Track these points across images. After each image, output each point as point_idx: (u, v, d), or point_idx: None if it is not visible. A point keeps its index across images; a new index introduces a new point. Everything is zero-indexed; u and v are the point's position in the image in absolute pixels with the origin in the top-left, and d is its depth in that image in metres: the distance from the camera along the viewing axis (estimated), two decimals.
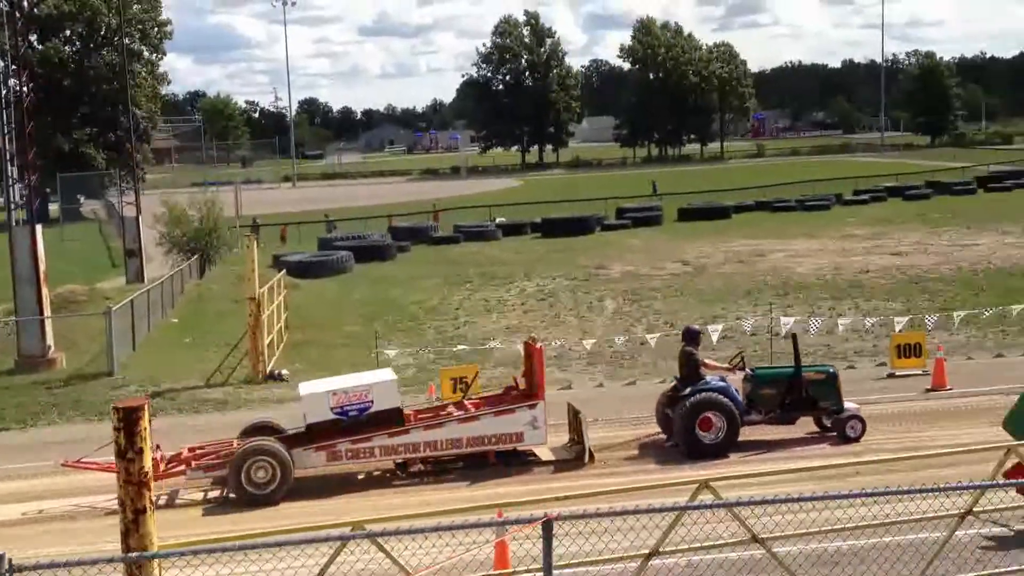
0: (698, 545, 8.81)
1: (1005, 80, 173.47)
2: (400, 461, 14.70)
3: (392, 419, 14.55)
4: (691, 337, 15.54)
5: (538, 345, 15.26)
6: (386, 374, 15.61)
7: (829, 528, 9.19)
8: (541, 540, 7.29)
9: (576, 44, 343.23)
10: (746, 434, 14.92)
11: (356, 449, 14.34)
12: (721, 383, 15.09)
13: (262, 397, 20.30)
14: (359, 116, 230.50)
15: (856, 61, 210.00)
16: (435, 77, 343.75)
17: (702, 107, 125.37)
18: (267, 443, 14.10)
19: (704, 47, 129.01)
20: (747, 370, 15.69)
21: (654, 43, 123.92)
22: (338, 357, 23.44)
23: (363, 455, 14.42)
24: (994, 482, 9.02)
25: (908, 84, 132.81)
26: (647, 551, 8.43)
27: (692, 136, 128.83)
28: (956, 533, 9.03)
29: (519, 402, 14.95)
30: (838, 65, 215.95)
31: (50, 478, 14.99)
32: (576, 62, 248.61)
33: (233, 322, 24.92)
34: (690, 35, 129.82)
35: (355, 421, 14.47)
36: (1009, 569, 9.44)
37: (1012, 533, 10.65)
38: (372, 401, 14.57)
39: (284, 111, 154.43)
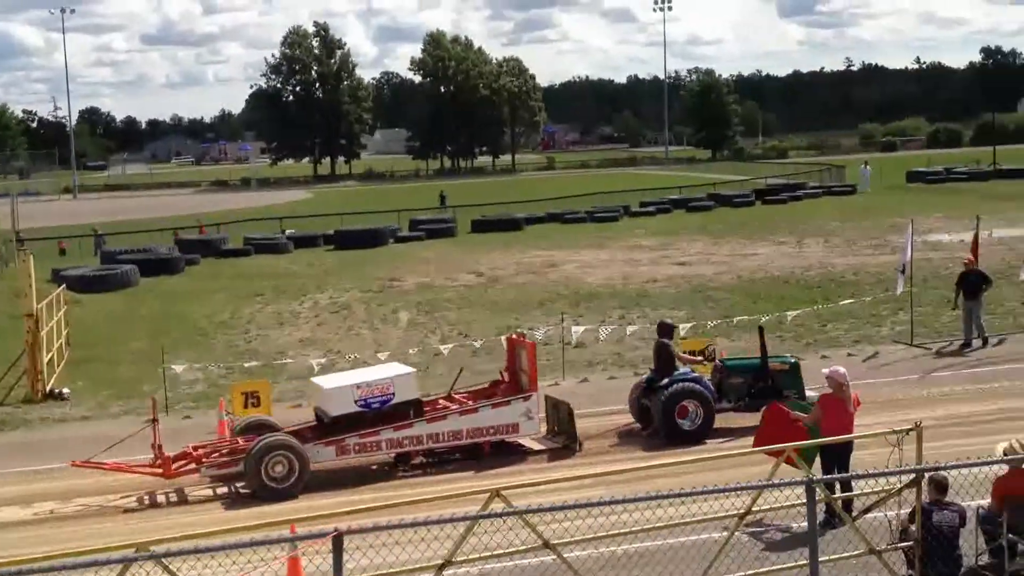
0: (489, 553, 8.81)
1: (780, 97, 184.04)
2: (403, 454, 15.24)
3: (411, 410, 15.27)
4: (665, 331, 16.33)
5: (529, 340, 16.49)
6: (402, 367, 16.22)
7: (617, 532, 9.37)
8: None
9: (367, 56, 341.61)
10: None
11: (364, 443, 14.89)
12: (694, 374, 15.98)
13: (42, 416, 19.33)
14: (144, 126, 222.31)
15: (641, 77, 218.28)
16: (223, 87, 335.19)
17: (493, 120, 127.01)
18: (284, 438, 14.57)
19: (494, 61, 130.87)
20: (716, 361, 16.57)
21: (444, 56, 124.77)
22: (124, 374, 22.51)
23: (370, 448, 15.00)
24: (771, 482, 9.37)
25: (689, 100, 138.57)
26: (440, 561, 8.37)
27: (484, 149, 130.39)
28: (736, 533, 9.39)
29: (512, 394, 15.74)
30: (624, 81, 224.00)
31: None
32: (367, 74, 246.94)
33: (10, 340, 23.46)
34: (480, 49, 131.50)
35: (377, 413, 15.05)
36: (786, 566, 9.87)
37: (788, 533, 11.20)
38: (394, 393, 15.21)
39: (64, 120, 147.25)
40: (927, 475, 9.42)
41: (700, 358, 16.74)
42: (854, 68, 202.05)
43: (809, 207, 56.27)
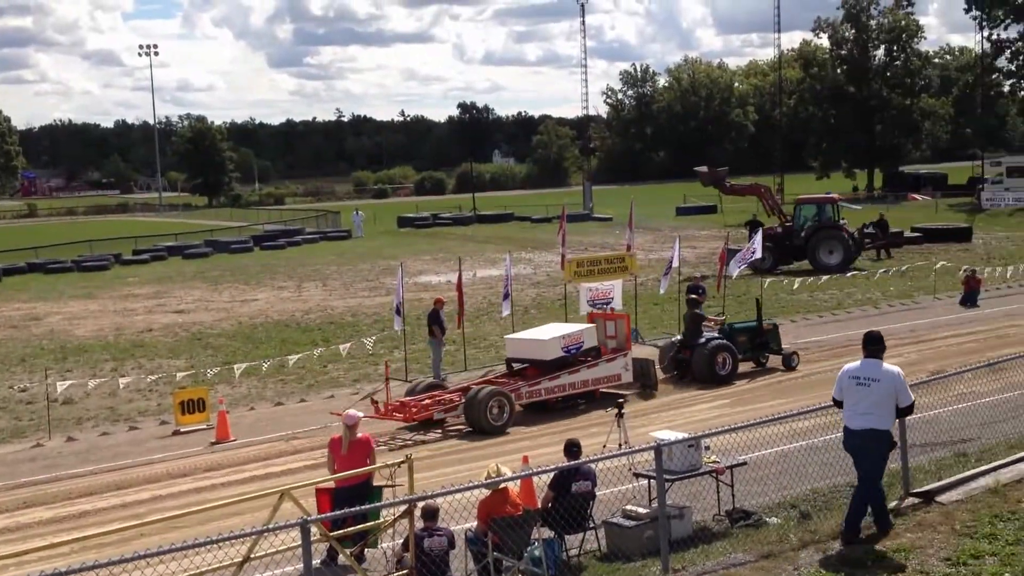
0: None
1: (275, 145, 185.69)
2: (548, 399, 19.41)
3: (593, 355, 20.01)
4: (694, 303, 22.00)
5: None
6: (580, 326, 21.01)
7: None
8: None
9: None
10: None
11: (534, 390, 19.22)
12: (720, 337, 21.51)
13: None
14: None
15: (130, 122, 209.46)
16: None
17: None
18: (498, 387, 18.62)
19: None
20: (725, 325, 22.31)
21: None
22: None
23: (535, 395, 19.26)
24: (269, 527, 9.25)
25: (182, 146, 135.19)
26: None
27: None
28: None
29: (616, 354, 20.32)
30: (111, 125, 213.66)
31: None
32: None
33: None
34: None
35: (574, 357, 19.71)
36: None
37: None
38: (582, 342, 19.94)
39: None
40: (418, 504, 9.84)
41: (721, 320, 22.75)
42: (345, 119, 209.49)
43: (307, 252, 57.22)
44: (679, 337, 22.25)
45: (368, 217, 71.82)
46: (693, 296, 22.48)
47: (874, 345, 10.07)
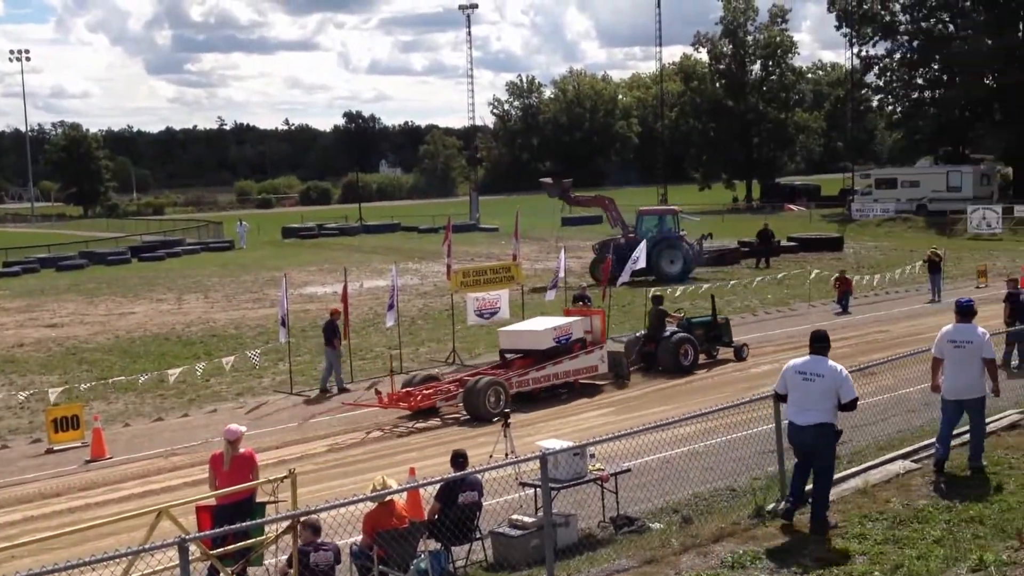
0: None
1: (155, 153, 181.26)
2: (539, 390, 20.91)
3: (578, 346, 21.58)
4: (659, 301, 24.20)
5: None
6: (569, 318, 22.49)
7: None
8: None
9: None
10: None
11: (523, 380, 20.64)
12: (683, 332, 23.39)
13: None
14: None
15: (0, 130, 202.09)
16: None
17: None
18: (495, 377, 20.08)
19: None
20: (683, 320, 24.13)
21: None
22: None
23: (524, 384, 20.69)
24: (145, 547, 9.01)
25: (55, 154, 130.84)
26: None
27: None
28: None
29: (593, 347, 21.86)
30: None
31: None
32: None
33: None
34: None
35: (563, 346, 21.32)
36: None
37: None
38: (571, 333, 21.52)
39: None
40: (302, 519, 9.72)
41: (680, 316, 24.39)
42: (227, 127, 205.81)
43: (188, 263, 55.99)
44: (644, 332, 23.84)
45: (252, 227, 70.68)
46: (657, 294, 25.16)
47: (819, 343, 10.53)
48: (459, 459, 11.53)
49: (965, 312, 12.13)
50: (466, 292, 25.70)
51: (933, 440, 12.90)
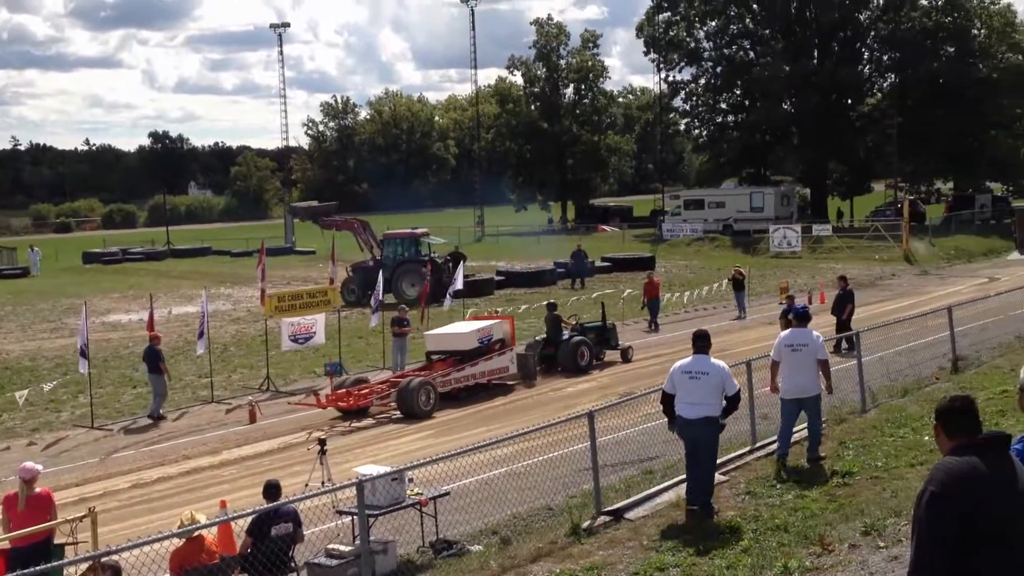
0: None
1: None
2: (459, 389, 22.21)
3: (498, 347, 23.20)
4: (553, 307, 26.14)
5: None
6: (482, 321, 24.62)
7: None
8: None
9: None
10: None
11: (446, 380, 21.85)
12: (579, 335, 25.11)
13: None
14: None
15: None
16: None
17: None
18: (425, 377, 21.32)
19: None
20: (578, 325, 25.93)
21: None
22: None
23: (447, 384, 21.92)
24: None
25: None
26: None
27: None
28: None
29: (504, 349, 23.46)
30: None
31: None
32: None
33: None
34: None
35: (486, 347, 22.93)
36: None
37: None
38: (492, 334, 23.16)
39: None
40: (102, 560, 9.19)
41: (574, 322, 26.29)
42: (22, 147, 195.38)
43: None
44: (543, 336, 25.45)
45: (49, 253, 67.41)
46: (552, 301, 27.39)
47: (702, 341, 11.47)
48: (271, 490, 11.16)
49: (801, 318, 13.44)
50: (280, 317, 25.11)
51: (741, 452, 13.36)
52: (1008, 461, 4.83)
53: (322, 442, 14.68)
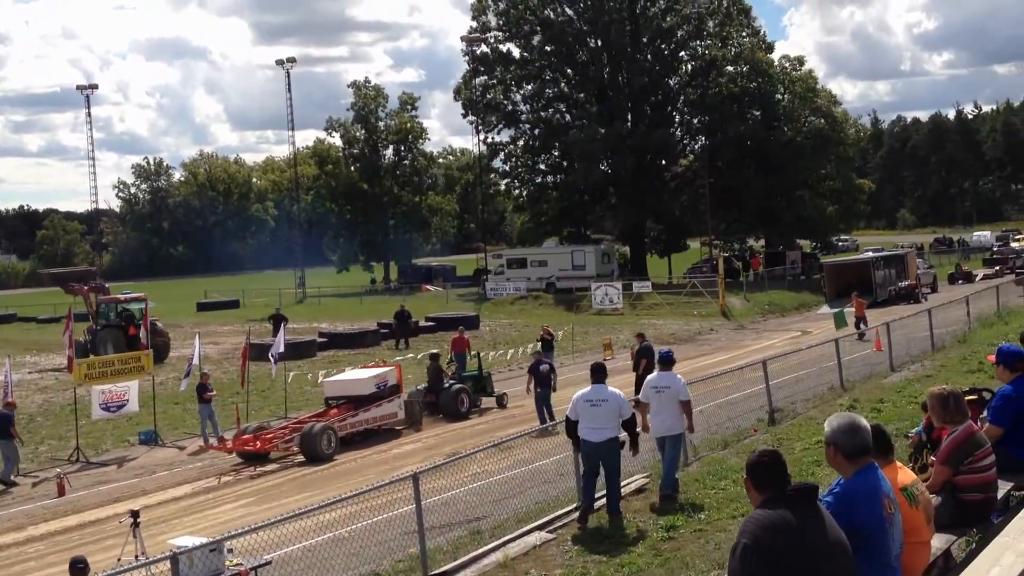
0: None
1: None
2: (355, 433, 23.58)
3: (392, 392, 24.90)
4: (436, 357, 27.16)
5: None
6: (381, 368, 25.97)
7: None
8: None
9: None
10: None
11: (343, 424, 23.29)
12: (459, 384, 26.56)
13: None
14: None
15: None
16: None
17: None
18: (327, 423, 22.65)
19: None
20: (457, 374, 27.58)
21: None
22: None
23: (344, 428, 23.34)
24: None
25: None
26: None
27: None
28: None
29: (394, 396, 24.85)
30: None
31: None
32: None
33: None
34: None
35: (382, 393, 24.55)
36: None
37: None
38: (388, 380, 24.92)
39: None
40: None
41: (451, 374, 27.51)
42: None
43: None
44: (424, 386, 26.54)
45: None
46: (435, 351, 28.88)
47: (599, 372, 12.90)
48: (78, 566, 10.54)
49: (666, 362, 14.30)
50: (91, 384, 23.97)
51: (568, 509, 13.42)
52: (816, 511, 5.00)
53: (135, 513, 13.99)
